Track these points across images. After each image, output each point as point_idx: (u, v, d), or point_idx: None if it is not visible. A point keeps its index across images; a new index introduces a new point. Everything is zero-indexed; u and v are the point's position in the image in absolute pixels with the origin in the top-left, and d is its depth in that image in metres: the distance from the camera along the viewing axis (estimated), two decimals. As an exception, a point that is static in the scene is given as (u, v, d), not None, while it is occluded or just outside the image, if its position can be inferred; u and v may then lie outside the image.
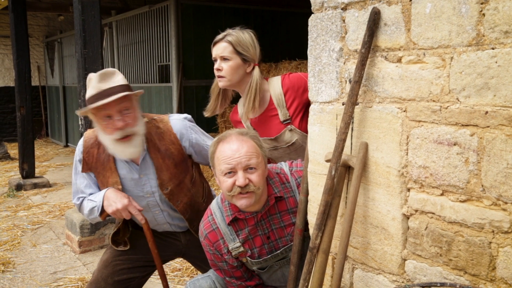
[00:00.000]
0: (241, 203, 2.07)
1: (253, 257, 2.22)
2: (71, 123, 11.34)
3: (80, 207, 2.59)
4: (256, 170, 2.05)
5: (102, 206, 2.45)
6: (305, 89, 2.58)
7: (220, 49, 2.55)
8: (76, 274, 4.20)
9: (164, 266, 2.77)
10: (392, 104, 1.63)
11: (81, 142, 2.56)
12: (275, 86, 2.62)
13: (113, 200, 2.41)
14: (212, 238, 2.23)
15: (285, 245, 2.22)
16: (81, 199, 2.58)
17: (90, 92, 2.35)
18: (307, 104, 2.63)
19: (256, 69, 2.61)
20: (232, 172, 2.04)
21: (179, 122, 2.59)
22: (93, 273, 2.68)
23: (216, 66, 2.57)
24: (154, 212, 2.61)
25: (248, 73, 2.59)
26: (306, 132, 2.60)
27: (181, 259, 3.94)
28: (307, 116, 2.62)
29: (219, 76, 2.58)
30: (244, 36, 2.57)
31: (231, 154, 2.04)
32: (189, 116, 2.68)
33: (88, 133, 2.58)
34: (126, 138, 2.34)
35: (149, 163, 2.51)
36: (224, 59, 2.55)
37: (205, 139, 2.64)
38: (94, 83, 2.34)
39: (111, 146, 2.38)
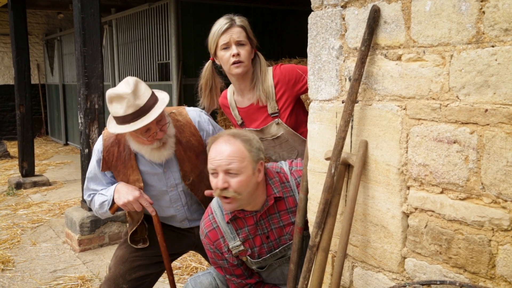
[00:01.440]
0: (226, 206, 2.10)
1: (253, 257, 2.22)
2: (70, 122, 11.33)
3: (90, 202, 2.63)
4: (237, 175, 2.01)
5: (113, 200, 2.48)
6: (296, 81, 2.56)
7: (235, 33, 2.47)
8: (76, 272, 4.20)
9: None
10: (392, 102, 1.63)
11: (99, 141, 2.57)
12: (266, 77, 2.60)
13: (124, 193, 2.44)
14: (212, 237, 2.23)
15: (284, 244, 2.22)
16: (92, 195, 2.61)
17: (126, 110, 2.27)
18: (297, 98, 2.63)
19: (259, 53, 2.59)
20: (215, 173, 2.05)
21: (197, 114, 2.64)
22: (109, 268, 2.69)
23: (233, 51, 2.47)
24: (176, 208, 2.63)
25: (252, 59, 2.57)
26: (293, 128, 2.59)
27: (180, 257, 3.94)
28: (296, 112, 2.62)
29: (238, 62, 2.48)
30: (247, 21, 2.55)
31: (214, 155, 2.05)
32: (204, 111, 2.72)
33: (107, 132, 2.58)
34: (163, 145, 2.42)
35: (172, 157, 2.54)
36: (240, 44, 2.49)
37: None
38: (130, 102, 2.27)
39: (148, 154, 2.44)
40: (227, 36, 2.47)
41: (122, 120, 2.31)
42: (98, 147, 2.56)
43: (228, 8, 7.50)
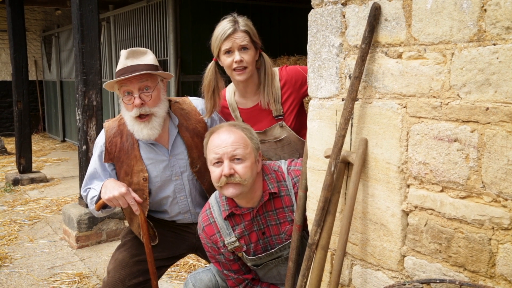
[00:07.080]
0: (228, 191, 2.08)
1: (248, 253, 2.23)
2: (68, 118, 11.30)
3: (86, 198, 2.57)
4: (243, 161, 2.07)
5: (100, 194, 2.44)
6: (302, 83, 2.52)
7: (238, 38, 2.40)
8: (74, 269, 4.19)
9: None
10: (392, 100, 1.62)
11: (102, 133, 2.56)
12: (274, 78, 2.54)
13: (111, 188, 2.38)
14: (209, 232, 2.24)
15: (280, 243, 2.22)
16: (88, 190, 2.56)
17: (118, 67, 2.42)
18: (301, 100, 2.60)
19: (264, 54, 2.52)
20: (219, 162, 2.08)
21: (201, 102, 2.65)
22: (108, 272, 2.62)
23: (236, 58, 2.40)
24: (179, 199, 2.60)
25: (256, 60, 2.51)
26: (297, 132, 2.57)
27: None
28: (300, 117, 2.59)
29: (241, 68, 2.43)
30: (251, 23, 2.47)
31: (218, 143, 2.09)
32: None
33: (109, 123, 2.59)
34: (144, 117, 2.39)
35: (180, 143, 2.55)
36: (243, 48, 2.42)
37: None
38: (121, 59, 2.41)
39: (131, 123, 2.43)
40: (230, 42, 2.41)
41: (116, 75, 2.39)
42: (100, 140, 2.55)
43: (226, 6, 7.47)
